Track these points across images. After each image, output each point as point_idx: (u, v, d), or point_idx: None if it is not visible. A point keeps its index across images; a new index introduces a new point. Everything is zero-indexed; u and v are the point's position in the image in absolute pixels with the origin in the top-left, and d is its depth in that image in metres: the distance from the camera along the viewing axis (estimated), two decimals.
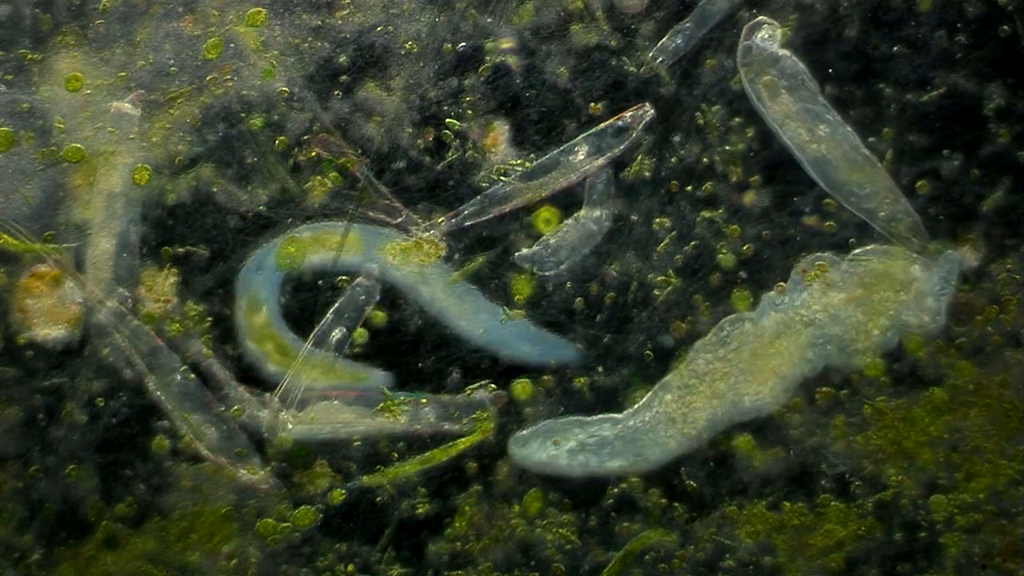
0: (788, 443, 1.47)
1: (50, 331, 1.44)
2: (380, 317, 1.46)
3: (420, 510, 1.49)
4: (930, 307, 1.43)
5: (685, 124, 1.43)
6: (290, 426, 1.46)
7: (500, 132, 1.44)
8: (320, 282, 1.46)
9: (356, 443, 1.47)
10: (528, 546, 1.50)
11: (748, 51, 1.41)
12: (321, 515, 1.48)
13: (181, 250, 1.44)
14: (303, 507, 1.48)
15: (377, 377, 1.46)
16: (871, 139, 1.42)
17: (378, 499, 1.48)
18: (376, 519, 1.49)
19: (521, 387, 1.48)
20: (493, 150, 1.44)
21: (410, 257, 1.44)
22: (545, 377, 1.48)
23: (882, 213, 1.42)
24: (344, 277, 1.45)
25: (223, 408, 1.45)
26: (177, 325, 1.45)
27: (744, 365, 1.44)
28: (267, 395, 1.46)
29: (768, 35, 1.40)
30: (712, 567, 1.49)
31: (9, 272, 1.44)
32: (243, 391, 1.45)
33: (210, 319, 1.45)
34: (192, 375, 1.44)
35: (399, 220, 1.44)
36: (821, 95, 1.42)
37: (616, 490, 1.48)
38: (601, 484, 1.48)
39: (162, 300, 1.44)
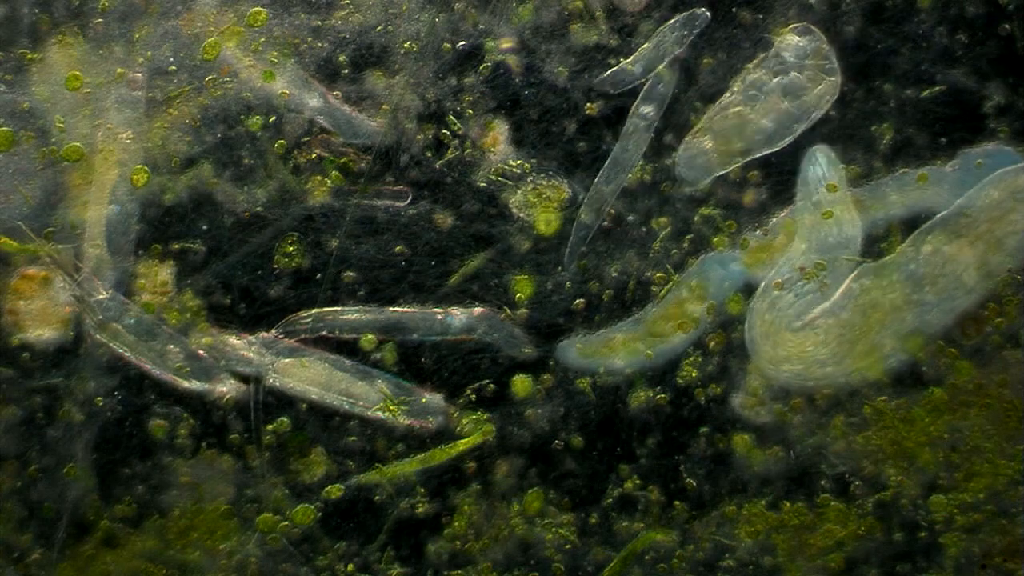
0: (788, 443, 1.47)
1: (41, 332, 1.44)
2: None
3: (419, 509, 1.49)
4: None
5: (683, 122, 1.44)
6: (272, 375, 1.46)
7: (500, 132, 1.44)
8: (319, 276, 1.46)
9: (354, 438, 1.48)
10: (528, 546, 1.50)
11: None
12: (320, 513, 1.48)
13: (176, 246, 1.44)
14: (302, 505, 1.48)
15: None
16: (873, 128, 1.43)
17: (376, 498, 1.48)
18: (375, 518, 1.49)
19: (521, 384, 1.48)
20: (493, 149, 1.44)
21: (535, 205, 1.44)
22: (545, 376, 1.48)
23: None
24: (351, 273, 1.46)
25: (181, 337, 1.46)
26: (176, 314, 1.45)
27: None
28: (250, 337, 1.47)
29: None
30: (712, 567, 1.49)
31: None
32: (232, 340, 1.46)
33: (206, 311, 1.46)
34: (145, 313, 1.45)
35: (405, 203, 1.44)
36: None
37: (617, 490, 1.48)
38: (601, 483, 1.49)
39: (159, 292, 1.45)
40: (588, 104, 1.43)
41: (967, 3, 1.41)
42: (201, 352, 1.46)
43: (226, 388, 1.46)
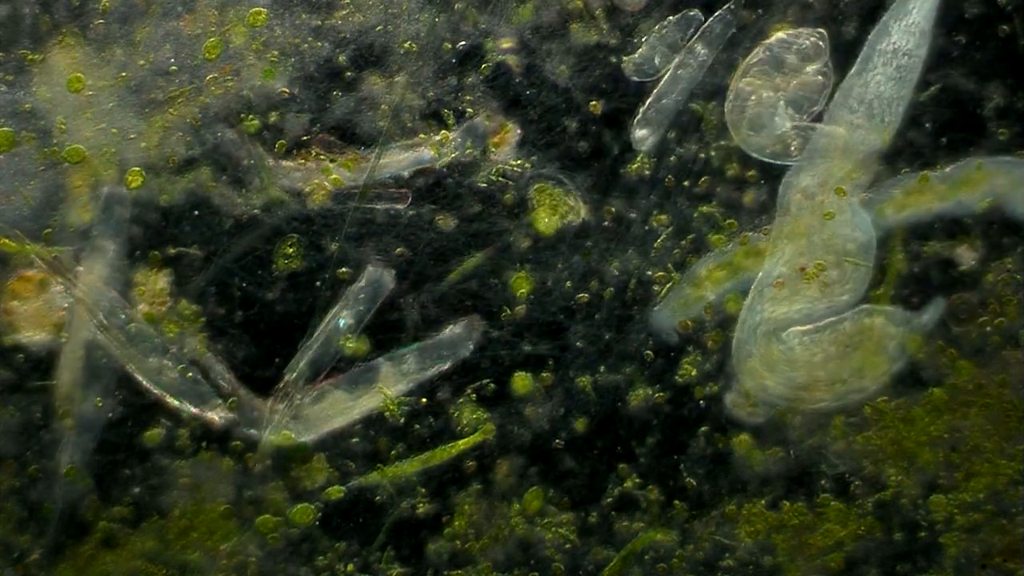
0: (788, 443, 1.47)
1: (36, 334, 1.44)
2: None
3: (420, 509, 1.49)
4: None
5: (683, 121, 1.44)
6: (292, 433, 1.46)
7: (510, 132, 1.44)
8: (319, 282, 1.46)
9: (355, 440, 1.48)
10: (528, 546, 1.50)
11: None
12: (320, 513, 1.48)
13: (173, 251, 1.44)
14: (302, 505, 1.48)
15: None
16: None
17: (377, 498, 1.48)
18: (376, 518, 1.49)
19: (521, 382, 1.48)
20: (495, 150, 1.44)
21: (566, 214, 1.44)
22: (544, 374, 1.48)
23: None
24: (345, 270, 1.46)
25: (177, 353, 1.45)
26: (174, 325, 1.45)
27: None
28: (263, 401, 1.46)
29: None
30: (712, 567, 1.49)
31: None
32: (242, 392, 1.46)
33: (204, 319, 1.46)
34: (143, 322, 1.45)
35: (406, 204, 1.44)
36: None
37: (617, 490, 1.48)
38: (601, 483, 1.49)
39: (157, 302, 1.45)
40: (592, 103, 1.44)
41: (967, 3, 1.41)
42: (192, 375, 1.46)
43: (217, 416, 1.46)
